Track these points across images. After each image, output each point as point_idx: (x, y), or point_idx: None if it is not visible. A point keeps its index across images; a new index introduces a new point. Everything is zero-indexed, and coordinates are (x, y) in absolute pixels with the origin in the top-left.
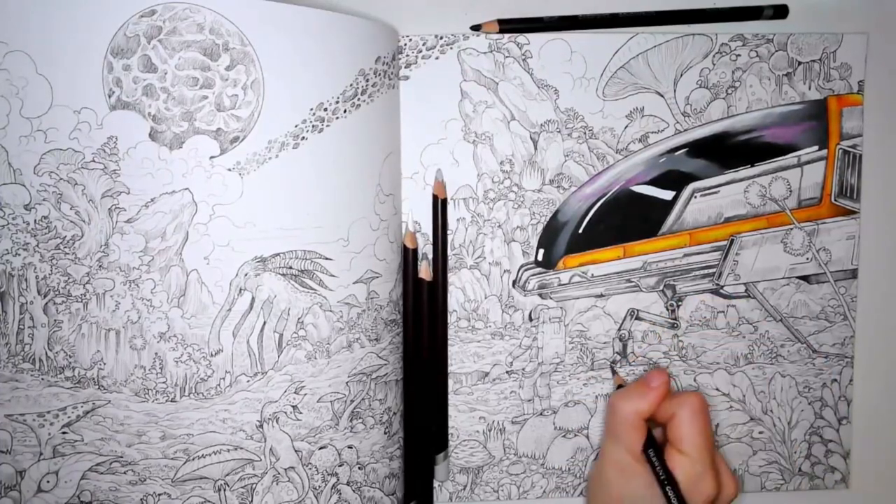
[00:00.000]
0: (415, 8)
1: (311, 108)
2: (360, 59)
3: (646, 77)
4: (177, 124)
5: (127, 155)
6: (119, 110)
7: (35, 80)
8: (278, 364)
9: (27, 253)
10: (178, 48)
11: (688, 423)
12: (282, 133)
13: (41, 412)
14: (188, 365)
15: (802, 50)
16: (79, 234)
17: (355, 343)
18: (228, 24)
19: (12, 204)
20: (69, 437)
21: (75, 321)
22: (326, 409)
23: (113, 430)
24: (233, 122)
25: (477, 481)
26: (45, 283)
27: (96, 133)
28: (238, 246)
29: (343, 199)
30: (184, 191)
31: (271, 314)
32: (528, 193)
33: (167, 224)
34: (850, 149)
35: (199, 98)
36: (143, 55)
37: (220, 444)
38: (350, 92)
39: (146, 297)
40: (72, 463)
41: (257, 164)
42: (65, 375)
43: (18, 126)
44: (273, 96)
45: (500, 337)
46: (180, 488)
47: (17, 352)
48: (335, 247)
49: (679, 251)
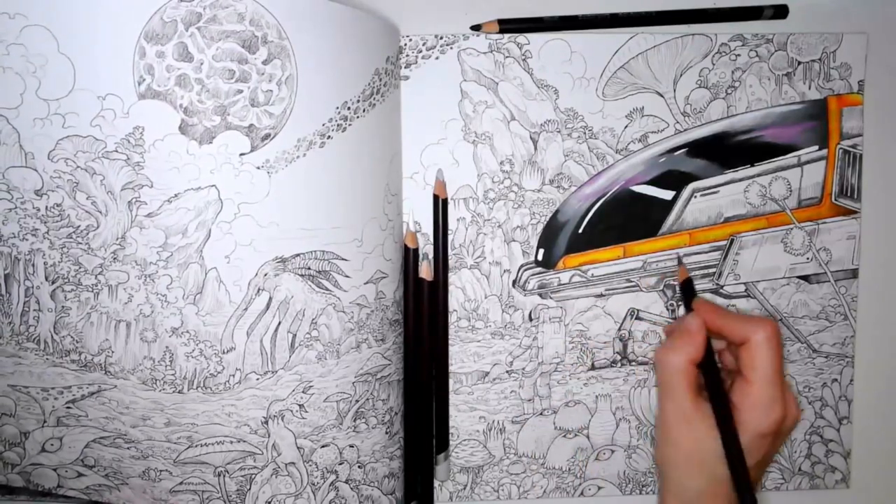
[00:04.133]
0: (415, 8)
1: (336, 107)
2: (376, 57)
3: (646, 77)
4: (209, 118)
5: (153, 147)
6: (148, 99)
7: (56, 59)
8: (289, 364)
9: (35, 238)
10: (217, 38)
11: (762, 347)
12: (311, 131)
13: (45, 387)
14: (199, 360)
15: (802, 50)
16: (94, 225)
17: (363, 343)
18: (269, 16)
19: (21, 188)
20: (73, 412)
21: (84, 309)
22: (332, 409)
23: (118, 412)
24: (265, 119)
25: (477, 481)
26: (55, 270)
27: (121, 122)
28: (260, 246)
29: (358, 199)
30: (210, 188)
31: (287, 315)
32: (528, 193)
33: (189, 221)
34: (850, 148)
35: (235, 92)
36: (178, 42)
37: (223, 436)
38: (368, 91)
39: (161, 292)
40: (76, 433)
41: (286, 163)
42: (70, 358)
43: (34, 107)
44: (305, 93)
45: (500, 337)
46: (181, 469)
47: (20, 331)
48: (350, 247)
49: (679, 251)
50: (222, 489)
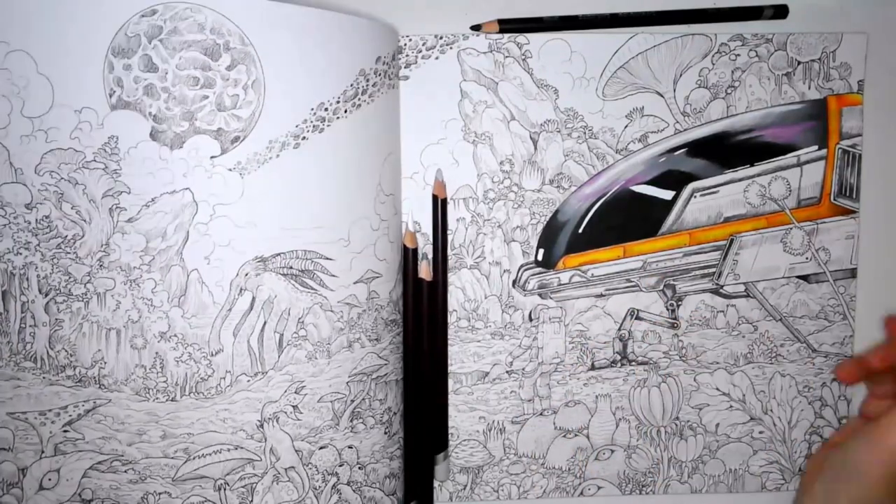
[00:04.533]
0: (415, 8)
1: (311, 108)
2: (361, 58)
3: (645, 77)
4: (177, 124)
5: (128, 154)
6: (120, 110)
7: (36, 79)
8: (279, 364)
9: (28, 252)
10: (179, 48)
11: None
12: (283, 133)
13: (42, 410)
14: (188, 364)
15: (802, 50)
16: (80, 234)
17: (356, 343)
18: (229, 24)
19: (13, 203)
20: (70, 436)
21: (76, 320)
22: (327, 409)
23: (114, 429)
24: (233, 122)
25: (477, 481)
26: (47, 282)
27: (97, 133)
28: (239, 246)
29: (344, 199)
30: (184, 190)
31: (272, 314)
32: (528, 193)
33: (168, 224)
34: (849, 148)
35: (200, 98)
36: (143, 55)
37: (220, 444)
38: (351, 92)
39: (147, 296)
40: (73, 461)
41: (258, 164)
42: (66, 374)
43: (20, 125)
44: (274, 96)
45: (500, 337)
46: (180, 487)
47: (18, 350)
48: (336, 247)
49: (679, 251)
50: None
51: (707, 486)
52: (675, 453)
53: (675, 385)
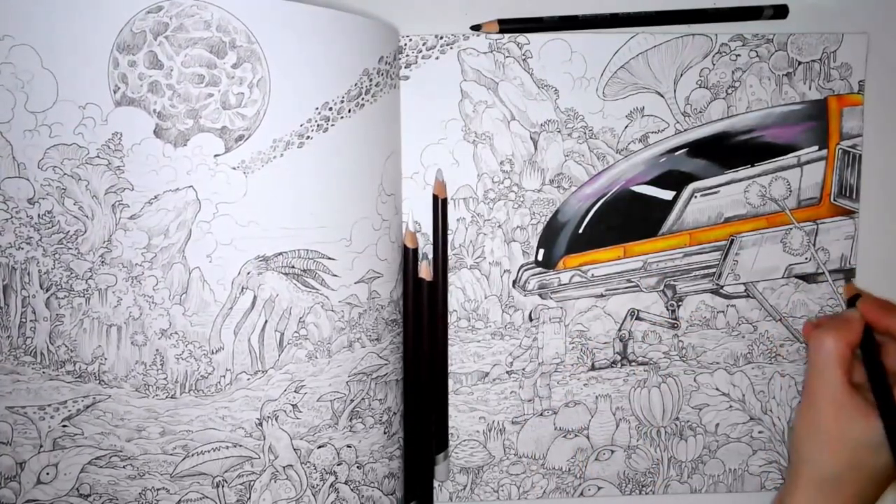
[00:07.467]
0: (415, 8)
1: (316, 108)
2: (365, 58)
3: (646, 77)
4: (182, 121)
5: (131, 151)
6: (124, 106)
7: (40, 74)
8: (279, 363)
9: (30, 247)
10: (185, 45)
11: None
12: (287, 132)
13: (42, 405)
14: (189, 362)
15: (802, 50)
16: (82, 230)
17: (356, 343)
18: (235, 22)
19: (16, 198)
20: (69, 431)
21: (77, 316)
22: (326, 409)
23: (113, 425)
24: (238, 121)
25: (477, 481)
26: (48, 278)
27: (101, 129)
28: (241, 244)
29: (346, 199)
30: (188, 188)
31: (273, 313)
32: (528, 193)
33: (170, 221)
34: (849, 149)
35: (205, 95)
36: (149, 51)
37: (218, 441)
38: (354, 91)
39: (148, 293)
40: (71, 456)
41: (262, 163)
42: (66, 369)
43: (23, 120)
44: (279, 95)
45: (500, 337)
46: (179, 484)
47: (18, 345)
48: (338, 246)
49: (679, 251)
50: (222, 501)
51: (707, 486)
52: (675, 453)
53: (675, 385)
